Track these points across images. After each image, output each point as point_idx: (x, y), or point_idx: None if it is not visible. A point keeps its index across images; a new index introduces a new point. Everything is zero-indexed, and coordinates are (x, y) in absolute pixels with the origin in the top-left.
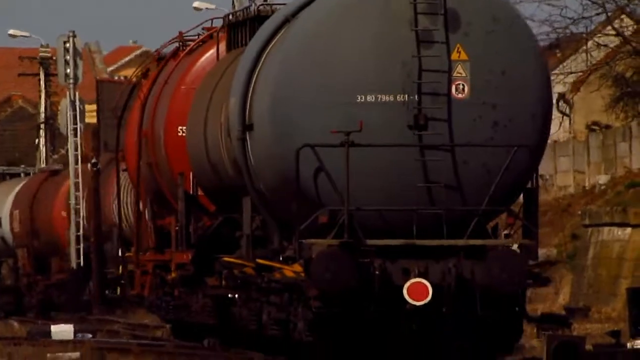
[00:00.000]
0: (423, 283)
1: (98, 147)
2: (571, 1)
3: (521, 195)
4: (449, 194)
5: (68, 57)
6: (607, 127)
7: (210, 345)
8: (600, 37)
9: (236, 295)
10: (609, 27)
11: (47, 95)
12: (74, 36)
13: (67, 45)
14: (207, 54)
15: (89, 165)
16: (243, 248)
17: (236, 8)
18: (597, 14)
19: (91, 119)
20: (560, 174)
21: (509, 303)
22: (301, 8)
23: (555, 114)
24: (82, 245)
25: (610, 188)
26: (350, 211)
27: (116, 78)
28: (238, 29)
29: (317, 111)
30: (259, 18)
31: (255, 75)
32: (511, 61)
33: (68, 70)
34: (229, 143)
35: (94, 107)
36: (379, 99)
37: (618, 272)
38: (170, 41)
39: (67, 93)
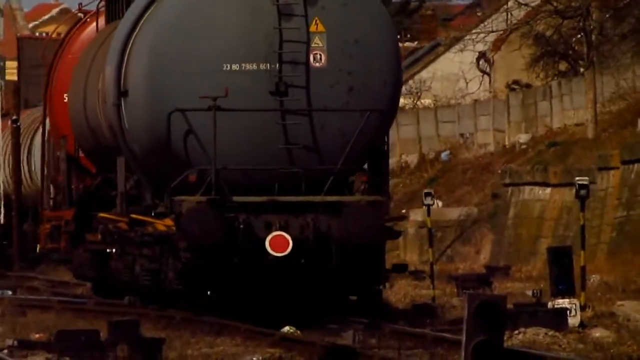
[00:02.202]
0: (284, 236)
1: (19, 104)
2: None
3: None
4: (307, 154)
5: None
6: (528, 86)
7: (130, 302)
8: None
9: (113, 250)
10: None
11: None
12: None
13: None
14: (92, 25)
15: (9, 121)
16: (118, 205)
17: None
18: None
19: (12, 76)
20: (481, 132)
21: (364, 254)
22: None
23: (476, 72)
24: (2, 202)
25: (530, 147)
26: (217, 170)
27: (37, 35)
28: (117, 2)
29: (187, 79)
30: None
31: (129, 46)
32: (363, 31)
33: None
34: (105, 108)
35: (15, 64)
36: (244, 68)
37: (539, 231)
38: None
39: None
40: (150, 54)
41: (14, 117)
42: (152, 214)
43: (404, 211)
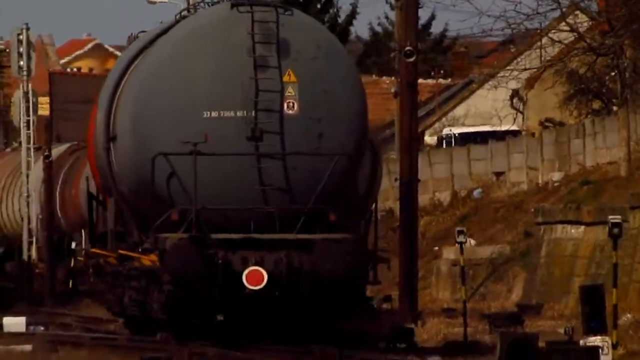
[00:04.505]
0: (259, 270)
1: (50, 139)
2: None
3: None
4: (281, 195)
5: (21, 49)
6: (561, 124)
7: (162, 338)
8: (554, 33)
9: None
10: (563, 23)
11: (0, 88)
12: (28, 29)
13: (21, 37)
14: None
15: (41, 157)
16: (108, 242)
17: (190, 2)
18: (552, 10)
19: (43, 111)
20: (514, 170)
21: (335, 287)
22: (157, 37)
23: (509, 110)
24: (34, 238)
25: (563, 185)
26: (197, 210)
27: (69, 70)
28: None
29: (170, 125)
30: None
31: (118, 94)
32: (332, 82)
33: (21, 63)
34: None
35: (47, 99)
36: (222, 115)
37: (571, 270)
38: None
39: (20, 85)
40: (135, 102)
41: (47, 153)
42: (139, 250)
43: (436, 248)
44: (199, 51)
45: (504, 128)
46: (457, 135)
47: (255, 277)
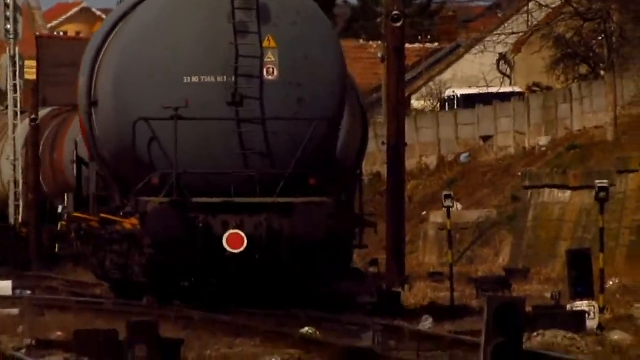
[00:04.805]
0: (239, 234)
1: (37, 103)
2: None
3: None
4: (261, 159)
5: (8, 13)
6: (548, 88)
7: (148, 303)
8: None
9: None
10: None
11: None
12: None
13: (7, 1)
14: None
15: (27, 120)
16: (90, 206)
17: None
18: None
19: (30, 75)
20: (501, 134)
21: (315, 250)
22: (137, 4)
23: (497, 74)
24: (20, 201)
25: (550, 150)
26: (178, 174)
27: (56, 34)
28: None
29: (151, 90)
30: None
31: (100, 59)
32: (312, 47)
33: (8, 26)
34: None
35: (33, 63)
36: (203, 80)
37: (558, 234)
38: None
39: (7, 49)
40: (117, 68)
41: (33, 117)
42: (121, 214)
43: (423, 212)
44: (180, 17)
45: (507, 90)
46: (460, 96)
47: (235, 240)
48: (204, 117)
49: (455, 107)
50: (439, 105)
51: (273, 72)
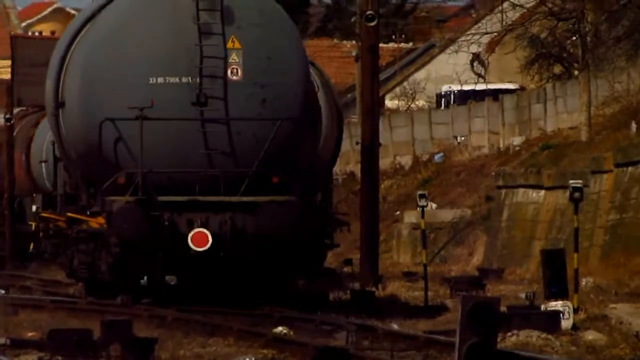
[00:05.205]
0: (204, 232)
1: (12, 102)
2: None
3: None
4: (225, 159)
5: None
6: (522, 88)
7: (122, 302)
8: None
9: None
10: None
11: None
12: None
13: None
14: None
15: (1, 119)
16: (58, 205)
17: None
18: None
19: (5, 74)
20: (475, 134)
21: (279, 248)
22: (103, 6)
23: (470, 74)
24: None
25: (524, 149)
26: (143, 173)
27: (30, 34)
28: None
29: (117, 91)
30: None
31: (67, 61)
32: (275, 49)
33: None
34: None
35: (8, 62)
36: (168, 81)
37: (532, 233)
38: None
39: None
40: (83, 69)
41: (7, 116)
42: (88, 213)
43: (397, 212)
44: (145, 19)
45: (503, 86)
46: (456, 92)
47: (200, 238)
48: (169, 117)
49: (452, 103)
50: (434, 101)
51: (237, 73)
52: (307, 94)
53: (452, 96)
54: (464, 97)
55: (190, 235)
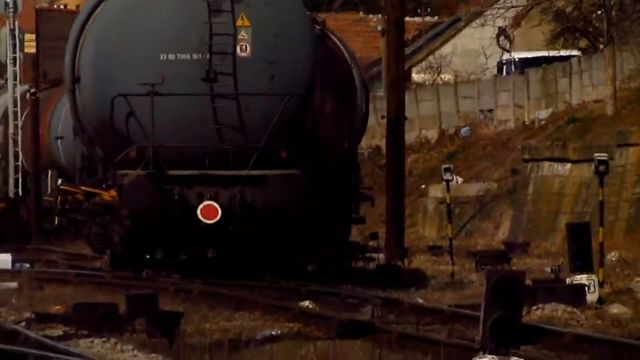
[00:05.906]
0: (214, 205)
1: (37, 76)
2: None
3: None
4: (235, 133)
5: None
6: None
7: (148, 276)
8: None
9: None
10: None
11: None
12: None
13: None
14: None
15: (27, 94)
16: (77, 178)
17: None
18: None
19: (30, 49)
20: (501, 108)
21: (287, 221)
22: None
23: (496, 48)
24: (20, 174)
25: (550, 123)
26: (154, 147)
27: (55, 7)
28: None
29: (129, 67)
30: None
31: (82, 38)
32: (283, 26)
33: (7, 0)
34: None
35: (33, 36)
36: (178, 57)
37: (558, 207)
38: None
39: (7, 22)
40: (96, 45)
41: (33, 90)
42: (103, 186)
43: (423, 186)
44: None
45: (564, 53)
46: (517, 60)
47: (209, 211)
48: (180, 93)
49: (513, 70)
50: (496, 69)
51: (246, 50)
52: (314, 70)
53: (512, 64)
54: (525, 64)
55: (199, 208)
